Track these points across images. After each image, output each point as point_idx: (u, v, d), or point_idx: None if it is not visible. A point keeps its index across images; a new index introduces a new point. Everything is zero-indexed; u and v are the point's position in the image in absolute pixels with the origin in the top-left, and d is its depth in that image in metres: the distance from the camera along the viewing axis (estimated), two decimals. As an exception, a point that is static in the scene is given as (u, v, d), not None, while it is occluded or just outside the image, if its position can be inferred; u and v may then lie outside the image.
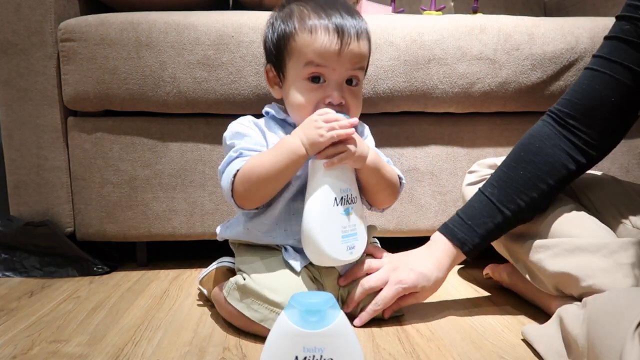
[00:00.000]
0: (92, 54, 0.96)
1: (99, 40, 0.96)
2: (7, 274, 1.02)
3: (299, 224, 0.73)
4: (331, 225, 0.71)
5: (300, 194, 0.75)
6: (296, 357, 0.52)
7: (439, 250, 0.78)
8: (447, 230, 0.79)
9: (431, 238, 0.81)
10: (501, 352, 0.69)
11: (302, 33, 0.73)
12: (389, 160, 0.86)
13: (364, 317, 0.76)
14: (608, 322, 0.54)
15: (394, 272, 0.77)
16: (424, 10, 1.25)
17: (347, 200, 0.72)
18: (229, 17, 0.98)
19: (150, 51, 0.96)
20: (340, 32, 0.72)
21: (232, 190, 0.72)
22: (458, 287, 0.96)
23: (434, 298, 0.89)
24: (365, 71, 0.83)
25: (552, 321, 0.68)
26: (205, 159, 1.02)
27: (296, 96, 0.75)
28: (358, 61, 0.75)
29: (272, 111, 0.80)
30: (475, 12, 1.29)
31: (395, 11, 1.34)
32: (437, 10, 1.24)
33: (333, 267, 0.78)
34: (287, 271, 0.75)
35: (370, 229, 0.88)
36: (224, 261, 0.87)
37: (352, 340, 0.55)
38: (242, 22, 0.97)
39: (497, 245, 0.88)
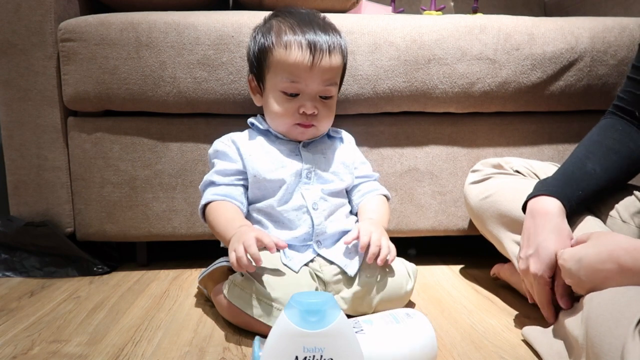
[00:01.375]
0: (92, 54, 0.96)
1: (99, 40, 0.96)
2: (7, 274, 1.02)
3: (297, 226, 0.82)
4: (394, 331, 0.64)
5: (285, 203, 0.84)
6: (296, 357, 0.52)
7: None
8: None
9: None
10: (501, 352, 0.69)
11: (279, 48, 0.82)
12: (377, 176, 0.95)
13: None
14: (607, 321, 0.54)
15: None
16: (424, 10, 1.25)
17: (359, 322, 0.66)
18: (229, 17, 0.98)
19: (150, 51, 0.96)
20: (312, 47, 0.81)
21: (203, 216, 0.85)
22: (458, 287, 0.96)
23: (433, 298, 0.90)
24: (341, 81, 0.92)
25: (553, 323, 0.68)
26: (205, 159, 1.02)
27: (274, 105, 0.84)
28: (329, 77, 0.84)
29: (256, 122, 0.89)
30: (475, 12, 1.28)
31: (395, 11, 1.34)
32: (437, 10, 1.24)
33: (333, 263, 0.79)
34: (286, 268, 0.76)
35: None
36: (224, 261, 0.87)
37: (352, 340, 0.55)
38: (242, 22, 0.97)
39: (499, 245, 0.88)
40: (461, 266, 1.08)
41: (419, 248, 1.18)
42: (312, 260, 0.79)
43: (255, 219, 0.85)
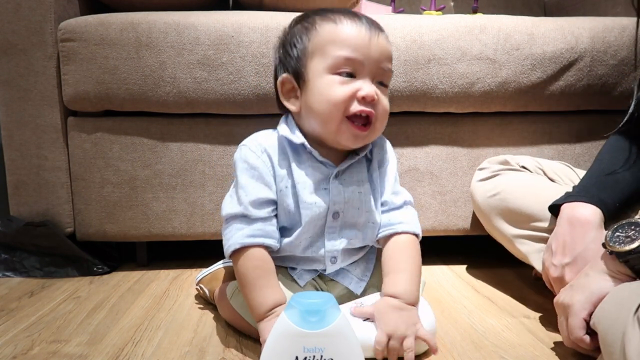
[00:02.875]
0: (92, 54, 0.96)
1: (99, 40, 0.96)
2: (7, 274, 1.02)
3: (315, 254, 0.72)
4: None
5: (319, 237, 0.72)
6: (296, 357, 0.52)
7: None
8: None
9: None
10: (501, 352, 0.69)
11: (326, 24, 0.67)
12: (412, 200, 0.79)
13: None
14: (610, 313, 0.55)
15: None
16: (424, 10, 1.25)
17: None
18: (229, 17, 0.98)
19: (150, 51, 0.96)
20: (366, 23, 0.67)
21: (230, 256, 0.70)
22: (458, 287, 0.96)
23: (433, 298, 0.89)
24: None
25: None
26: (205, 159, 1.02)
27: (323, 93, 0.66)
28: (387, 58, 0.69)
29: (287, 134, 0.71)
30: (475, 12, 1.29)
31: (395, 11, 1.34)
32: (437, 10, 1.24)
33: (337, 282, 0.76)
34: (291, 282, 0.74)
35: None
36: (230, 261, 0.86)
37: (352, 340, 0.55)
38: (242, 22, 0.97)
39: (509, 244, 0.88)
40: (461, 266, 1.08)
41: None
42: (319, 276, 0.76)
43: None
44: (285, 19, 0.97)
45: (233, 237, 0.68)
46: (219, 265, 0.86)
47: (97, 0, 1.11)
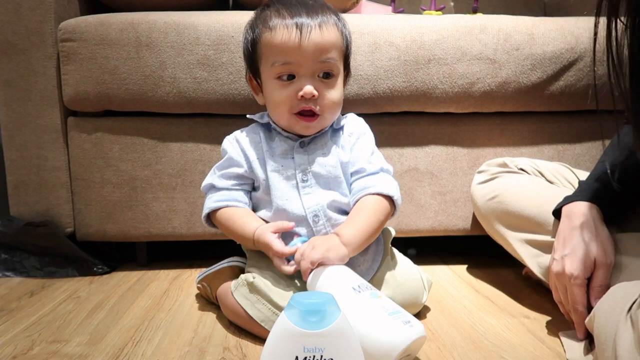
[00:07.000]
0: (92, 54, 0.96)
1: (99, 40, 0.96)
2: (7, 274, 1.02)
3: (298, 213, 0.78)
4: (370, 311, 0.63)
5: (296, 198, 0.78)
6: (296, 357, 0.52)
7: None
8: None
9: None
10: (501, 352, 0.69)
11: (265, 33, 0.76)
12: (389, 169, 0.83)
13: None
14: (605, 313, 0.56)
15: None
16: (424, 10, 1.25)
17: (366, 287, 0.67)
18: (229, 17, 0.98)
19: (150, 51, 0.96)
20: (299, 26, 0.73)
21: (207, 222, 0.84)
22: (458, 287, 0.96)
23: (433, 298, 0.90)
24: (347, 61, 0.83)
25: None
26: (205, 159, 1.02)
27: (271, 96, 0.78)
28: (325, 51, 0.74)
29: (255, 117, 0.84)
30: (475, 12, 1.28)
31: (395, 11, 1.34)
32: (437, 10, 1.24)
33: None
34: (296, 280, 0.75)
35: (385, 232, 0.85)
36: (234, 260, 0.87)
37: (352, 340, 0.55)
38: (242, 22, 0.96)
39: (508, 246, 0.88)
40: (461, 266, 1.08)
41: (419, 248, 1.18)
42: None
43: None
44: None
45: (205, 206, 0.82)
46: (221, 265, 0.86)
47: (97, 0, 1.11)
